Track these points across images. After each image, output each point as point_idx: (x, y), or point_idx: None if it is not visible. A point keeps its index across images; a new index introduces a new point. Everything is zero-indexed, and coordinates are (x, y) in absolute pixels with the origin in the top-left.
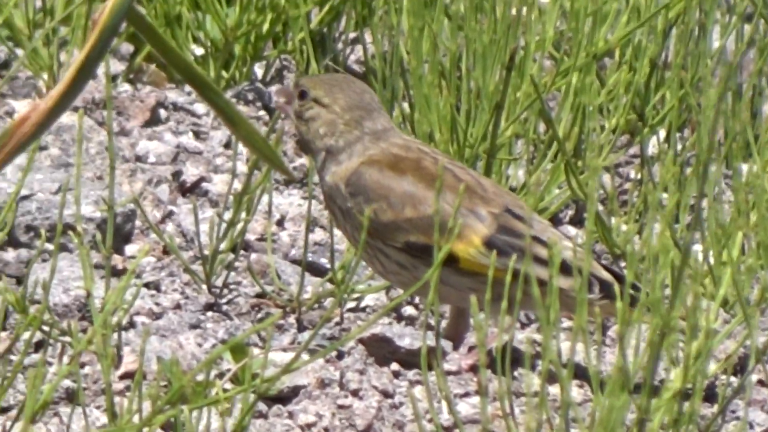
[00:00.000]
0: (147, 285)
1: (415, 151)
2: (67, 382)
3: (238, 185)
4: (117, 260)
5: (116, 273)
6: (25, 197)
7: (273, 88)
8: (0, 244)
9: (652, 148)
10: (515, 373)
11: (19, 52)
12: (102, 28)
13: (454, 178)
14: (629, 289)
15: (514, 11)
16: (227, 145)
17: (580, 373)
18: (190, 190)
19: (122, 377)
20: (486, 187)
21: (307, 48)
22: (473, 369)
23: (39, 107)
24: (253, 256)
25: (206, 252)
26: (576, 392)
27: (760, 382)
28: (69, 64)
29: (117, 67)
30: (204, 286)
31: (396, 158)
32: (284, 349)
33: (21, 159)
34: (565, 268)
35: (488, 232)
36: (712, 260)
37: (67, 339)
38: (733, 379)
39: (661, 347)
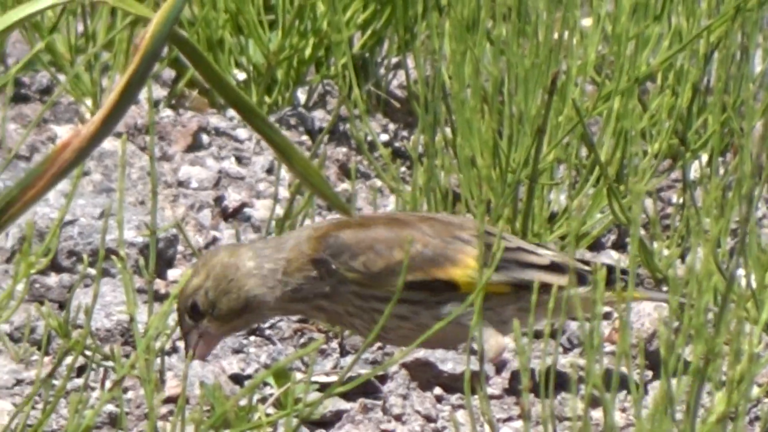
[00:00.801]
0: None
1: (352, 215)
2: (110, 407)
3: (280, 210)
4: (159, 285)
5: (159, 298)
6: (68, 222)
7: (316, 113)
8: (43, 269)
9: (694, 172)
10: (558, 397)
11: (62, 77)
12: (143, 53)
13: (416, 217)
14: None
15: (555, 35)
16: (269, 171)
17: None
18: (233, 215)
19: (165, 402)
20: (451, 218)
21: (349, 73)
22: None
23: (81, 133)
24: None
25: None
26: (618, 416)
27: None
28: (111, 90)
29: (159, 92)
30: None
31: (343, 222)
32: (327, 374)
33: (63, 184)
34: (556, 267)
35: (478, 252)
36: (754, 284)
37: (110, 364)
38: None
39: (706, 372)
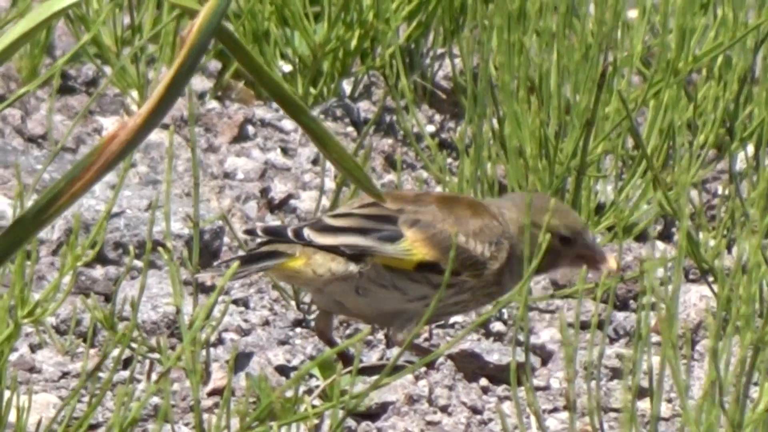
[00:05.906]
0: (235, 302)
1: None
2: (156, 399)
3: (326, 202)
4: (205, 277)
5: (204, 290)
6: (114, 214)
7: (361, 104)
8: (89, 261)
9: (739, 162)
10: (604, 388)
11: (107, 69)
12: (191, 46)
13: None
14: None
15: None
16: (315, 162)
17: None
18: (278, 207)
19: (211, 394)
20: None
21: (396, 63)
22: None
23: (128, 125)
24: None
25: None
26: (664, 407)
27: None
28: (157, 81)
29: (205, 84)
30: (292, 303)
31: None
32: (373, 366)
33: (110, 177)
34: None
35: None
36: None
37: (156, 356)
38: None
39: (755, 362)
